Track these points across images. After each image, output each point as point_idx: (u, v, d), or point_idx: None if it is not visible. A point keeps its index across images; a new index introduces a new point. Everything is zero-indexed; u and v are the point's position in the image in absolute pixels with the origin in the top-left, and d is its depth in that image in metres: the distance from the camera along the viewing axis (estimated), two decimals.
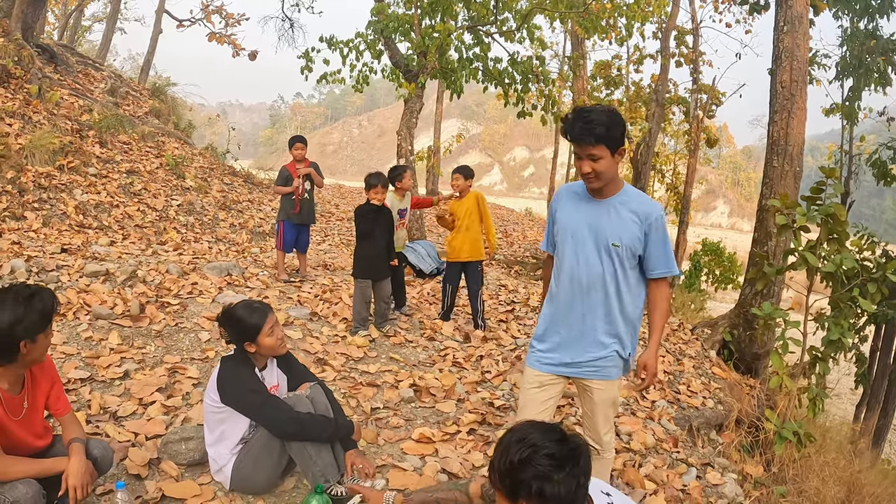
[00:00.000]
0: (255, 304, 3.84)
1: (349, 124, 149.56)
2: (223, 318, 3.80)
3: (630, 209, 3.55)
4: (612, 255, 3.58)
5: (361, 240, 7.26)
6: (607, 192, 3.57)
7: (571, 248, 3.67)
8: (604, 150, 3.37)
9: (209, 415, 3.71)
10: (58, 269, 7.14)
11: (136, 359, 5.44)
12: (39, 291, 3.00)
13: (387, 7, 12.29)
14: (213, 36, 21.19)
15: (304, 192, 8.88)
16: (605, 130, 3.33)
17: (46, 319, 2.99)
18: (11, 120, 11.43)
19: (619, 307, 3.66)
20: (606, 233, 3.56)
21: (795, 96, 9.64)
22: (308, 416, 3.73)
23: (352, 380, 5.87)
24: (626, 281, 3.63)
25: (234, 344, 3.83)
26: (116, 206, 11.08)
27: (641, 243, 3.57)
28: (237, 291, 7.58)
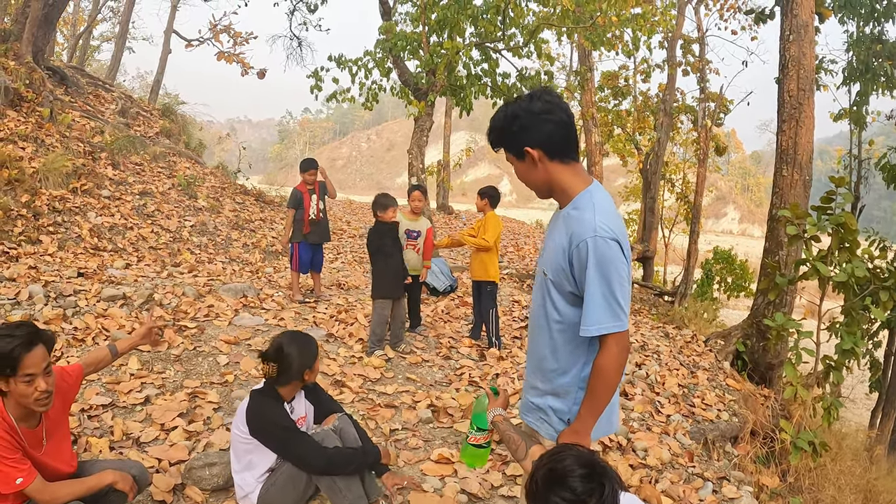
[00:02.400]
0: (304, 338, 3.83)
1: (357, 138, 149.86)
2: (274, 354, 3.70)
3: (567, 227, 2.70)
4: (545, 286, 2.82)
5: (380, 259, 7.30)
6: (561, 200, 2.81)
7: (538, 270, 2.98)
8: (509, 156, 2.81)
9: (237, 444, 3.72)
10: (75, 293, 7.21)
11: (157, 384, 5.51)
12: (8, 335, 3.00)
13: (394, 25, 12.37)
14: (221, 55, 21.36)
15: (319, 212, 8.93)
16: (494, 133, 2.80)
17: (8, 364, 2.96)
18: (24, 143, 11.52)
19: (556, 355, 2.84)
20: (545, 257, 2.86)
21: (803, 105, 9.66)
22: (335, 452, 3.71)
23: (370, 401, 5.92)
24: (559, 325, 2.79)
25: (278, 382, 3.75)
26: (130, 227, 11.16)
27: (567, 276, 2.69)
28: (253, 313, 7.65)
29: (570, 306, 2.74)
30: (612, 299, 2.59)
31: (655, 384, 7.73)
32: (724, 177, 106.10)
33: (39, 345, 3.02)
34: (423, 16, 11.78)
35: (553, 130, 2.68)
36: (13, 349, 2.93)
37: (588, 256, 2.57)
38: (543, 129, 2.68)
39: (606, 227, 2.59)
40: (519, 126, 2.70)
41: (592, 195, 2.71)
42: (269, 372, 3.69)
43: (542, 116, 2.67)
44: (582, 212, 2.66)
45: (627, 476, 5.20)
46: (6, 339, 2.94)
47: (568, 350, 2.80)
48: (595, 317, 2.59)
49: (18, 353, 2.94)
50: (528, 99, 2.71)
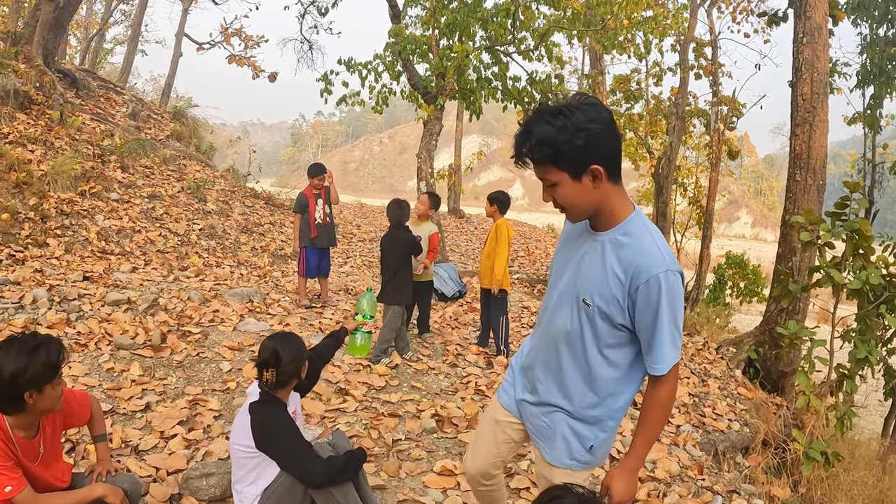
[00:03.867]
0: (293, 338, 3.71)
1: (370, 142, 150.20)
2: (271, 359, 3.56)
3: (620, 254, 2.47)
4: (582, 315, 2.60)
5: (402, 266, 7.25)
6: (600, 224, 2.55)
7: (553, 288, 2.78)
8: (556, 173, 2.40)
9: (241, 459, 3.58)
10: (79, 297, 7.15)
11: (158, 390, 5.44)
12: (46, 343, 2.97)
13: (404, 29, 12.32)
14: (232, 58, 21.37)
15: (326, 217, 8.88)
16: (544, 146, 2.35)
17: (52, 370, 2.94)
18: (34, 146, 11.52)
19: (591, 384, 2.67)
20: (581, 281, 2.58)
21: (817, 109, 9.58)
22: (331, 462, 3.58)
23: (373, 410, 5.83)
24: (597, 354, 2.62)
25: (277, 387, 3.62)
26: (138, 231, 11.13)
27: (622, 310, 2.49)
28: (259, 319, 7.58)
29: (617, 339, 2.58)
30: (678, 333, 2.48)
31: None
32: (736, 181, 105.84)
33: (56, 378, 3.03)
34: (433, 19, 11.71)
35: (616, 145, 2.42)
36: (59, 354, 2.97)
37: (661, 293, 2.40)
38: (609, 142, 2.38)
39: (673, 261, 2.44)
40: (585, 139, 2.33)
41: (644, 221, 2.53)
42: (270, 379, 3.55)
43: (609, 128, 2.37)
44: (640, 241, 2.46)
45: None
46: (47, 349, 2.94)
47: (609, 382, 2.66)
48: (666, 355, 2.49)
49: (61, 356, 2.99)
50: (590, 107, 2.36)
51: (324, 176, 8.80)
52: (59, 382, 3.00)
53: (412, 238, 7.26)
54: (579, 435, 2.73)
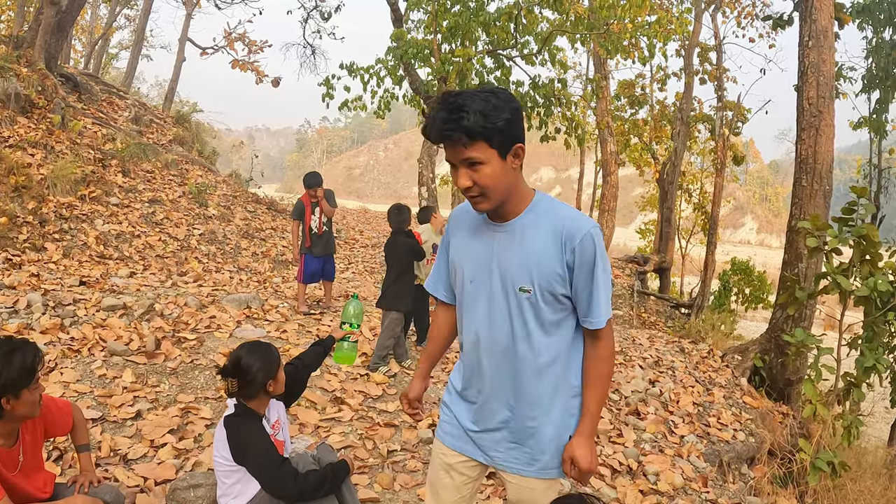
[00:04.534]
0: (263, 347, 3.50)
1: (375, 147, 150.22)
2: (232, 369, 3.40)
3: (545, 230, 2.42)
4: (523, 306, 2.48)
5: (404, 272, 7.18)
6: (508, 211, 2.46)
7: (474, 296, 2.58)
8: (486, 151, 2.27)
9: (222, 472, 3.46)
10: (74, 303, 7.04)
11: (150, 398, 5.33)
12: (22, 346, 2.87)
13: (405, 33, 12.23)
14: (235, 63, 21.33)
15: (322, 225, 8.79)
16: (482, 119, 2.21)
17: (28, 375, 2.84)
18: (34, 150, 11.45)
19: (548, 379, 2.55)
20: (512, 273, 2.46)
21: (823, 112, 9.47)
22: (305, 477, 3.41)
23: (369, 419, 5.72)
24: (546, 342, 2.51)
25: (244, 397, 3.46)
26: (138, 235, 11.04)
27: (563, 280, 2.43)
28: (256, 325, 7.48)
29: (560, 314, 2.50)
30: (610, 287, 2.50)
31: (669, 403, 7.51)
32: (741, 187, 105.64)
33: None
34: (435, 23, 11.62)
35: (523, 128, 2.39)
36: (34, 358, 2.87)
37: (595, 250, 2.38)
38: (523, 125, 2.37)
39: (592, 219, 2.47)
40: (512, 115, 2.29)
41: (550, 198, 2.53)
42: (230, 388, 3.39)
43: (521, 112, 2.37)
44: (557, 209, 2.46)
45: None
46: (23, 353, 2.85)
47: (561, 364, 2.55)
48: (603, 308, 2.46)
49: (37, 360, 2.89)
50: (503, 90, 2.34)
51: (316, 189, 8.69)
52: (36, 387, 2.90)
53: (413, 244, 7.17)
54: (549, 438, 2.59)
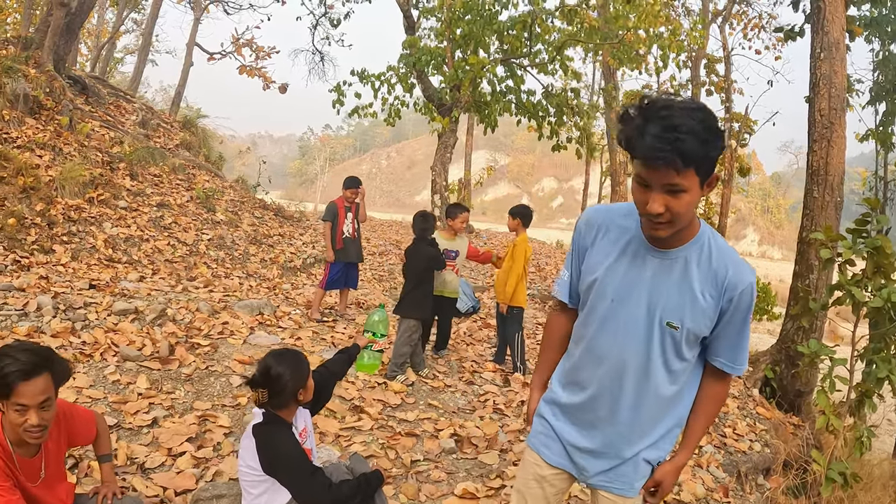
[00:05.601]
0: (293, 355, 3.44)
1: (378, 156, 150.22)
2: (262, 378, 3.32)
3: (706, 270, 2.32)
4: (665, 339, 2.40)
5: (422, 280, 7.12)
6: (676, 238, 2.31)
7: (610, 316, 2.47)
8: (692, 179, 2.06)
9: (249, 482, 3.36)
10: (85, 306, 6.94)
11: (166, 405, 5.22)
12: None
13: (418, 40, 12.17)
14: (243, 69, 21.28)
15: (355, 231, 8.73)
16: (699, 145, 1.99)
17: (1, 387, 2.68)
18: (42, 151, 11.37)
19: (668, 406, 2.53)
20: (663, 304, 2.36)
21: (834, 124, 9.48)
22: (339, 486, 3.34)
23: (390, 429, 5.61)
24: (680, 373, 2.48)
25: (273, 406, 3.38)
26: (146, 240, 10.94)
27: (712, 324, 2.38)
28: (269, 332, 7.38)
29: (692, 353, 2.47)
30: (746, 344, 2.48)
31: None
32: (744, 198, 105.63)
33: (43, 376, 2.71)
34: (448, 31, 11.55)
35: None
36: (8, 374, 2.64)
37: (751, 300, 2.34)
38: None
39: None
40: (722, 142, 2.08)
41: (711, 230, 2.40)
42: (259, 398, 3.31)
43: (723, 133, 2.14)
44: (722, 252, 2.34)
45: None
46: (8, 362, 2.65)
47: (682, 394, 2.55)
48: (735, 357, 2.47)
49: (12, 380, 2.64)
50: (704, 107, 2.09)
51: (357, 189, 8.66)
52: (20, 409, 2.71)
53: (434, 253, 7.09)
54: (650, 460, 2.60)
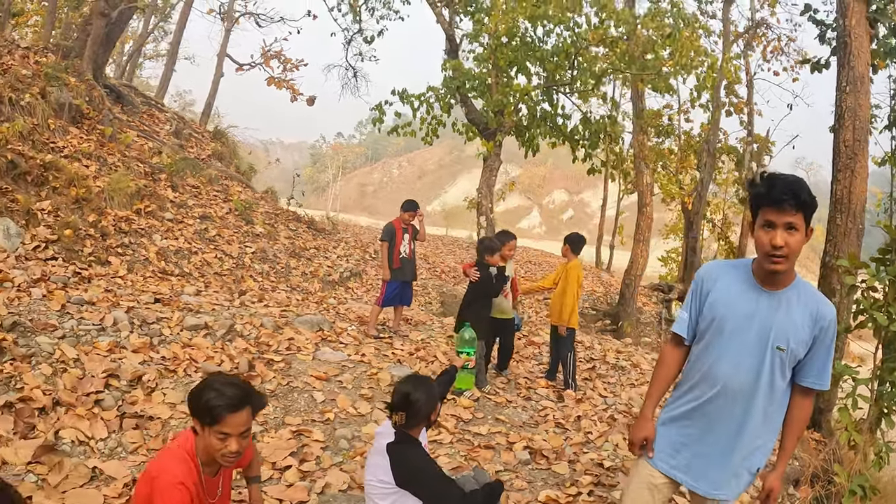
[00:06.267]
0: (426, 381, 3.91)
1: (389, 165, 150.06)
2: (402, 403, 3.74)
3: (804, 306, 3.06)
4: (774, 360, 3.08)
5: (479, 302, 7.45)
6: (781, 281, 3.07)
7: (727, 345, 3.14)
8: (801, 222, 2.90)
9: (375, 495, 3.71)
10: (158, 321, 7.14)
11: (259, 420, 5.51)
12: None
13: (462, 64, 12.46)
14: (271, 80, 21.53)
15: (411, 251, 9.06)
16: (808, 198, 2.88)
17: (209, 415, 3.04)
18: (88, 161, 11.61)
19: (766, 420, 3.18)
20: (774, 332, 3.06)
21: (858, 155, 9.76)
22: (471, 497, 3.74)
23: (468, 442, 5.97)
24: (779, 390, 3.15)
25: (407, 427, 3.77)
26: (195, 252, 11.22)
27: (806, 347, 3.08)
28: (334, 348, 7.66)
29: (789, 372, 3.16)
30: (830, 364, 3.16)
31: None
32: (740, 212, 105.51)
33: (246, 409, 3.06)
34: (493, 57, 11.82)
35: None
36: (217, 407, 2.97)
37: (834, 330, 3.08)
38: None
39: None
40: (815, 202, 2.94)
41: (799, 277, 3.15)
42: (398, 421, 3.72)
43: None
44: (813, 293, 3.12)
45: None
46: (214, 395, 2.98)
47: (779, 411, 3.22)
48: (821, 375, 3.15)
49: (221, 412, 2.98)
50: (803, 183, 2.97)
51: (415, 213, 8.99)
52: (222, 436, 3.05)
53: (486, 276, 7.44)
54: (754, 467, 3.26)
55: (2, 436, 4.61)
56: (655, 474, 3.36)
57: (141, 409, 5.38)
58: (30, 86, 12.14)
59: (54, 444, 4.67)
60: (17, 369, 5.33)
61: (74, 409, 5.13)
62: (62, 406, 5.13)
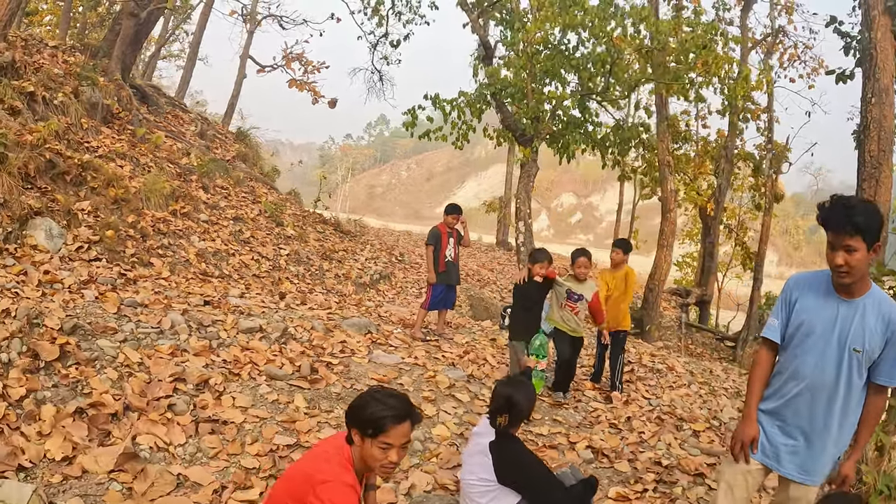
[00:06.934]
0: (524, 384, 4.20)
1: (398, 167, 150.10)
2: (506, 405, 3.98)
3: (877, 313, 3.46)
4: (852, 361, 3.51)
5: (522, 310, 7.60)
6: (856, 290, 3.49)
7: (811, 347, 3.59)
8: (860, 243, 3.27)
9: (475, 493, 3.91)
10: (213, 324, 7.20)
11: (332, 423, 5.59)
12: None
13: (498, 70, 12.56)
14: (293, 82, 21.60)
15: (456, 256, 9.15)
16: (864, 221, 3.25)
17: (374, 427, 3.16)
18: (122, 161, 11.64)
19: (844, 414, 3.60)
20: (851, 336, 3.49)
21: (882, 165, 9.95)
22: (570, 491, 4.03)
23: (532, 442, 6.11)
24: (856, 388, 3.56)
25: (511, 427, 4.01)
26: (232, 254, 11.28)
27: (879, 349, 3.49)
28: (385, 350, 7.77)
29: (865, 371, 3.54)
30: None
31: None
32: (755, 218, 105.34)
33: (407, 422, 3.18)
34: (530, 64, 11.90)
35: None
36: (383, 419, 3.10)
37: None
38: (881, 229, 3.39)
39: None
40: (879, 225, 3.32)
41: (875, 286, 3.55)
42: (503, 422, 3.98)
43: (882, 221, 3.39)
44: (889, 301, 3.50)
45: None
46: (380, 407, 3.12)
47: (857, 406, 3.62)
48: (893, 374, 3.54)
49: (386, 424, 3.10)
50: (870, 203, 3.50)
51: (457, 216, 9.07)
52: (385, 447, 3.16)
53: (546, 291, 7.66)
54: (836, 455, 3.70)
55: (78, 443, 4.64)
56: (751, 461, 3.78)
57: (213, 414, 5.42)
58: (62, 85, 12.14)
59: (135, 451, 4.69)
60: (83, 373, 5.39)
61: (146, 414, 5.17)
62: (133, 411, 5.17)
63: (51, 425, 4.70)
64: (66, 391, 5.16)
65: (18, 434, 4.56)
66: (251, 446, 5.09)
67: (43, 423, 4.70)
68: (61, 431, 4.68)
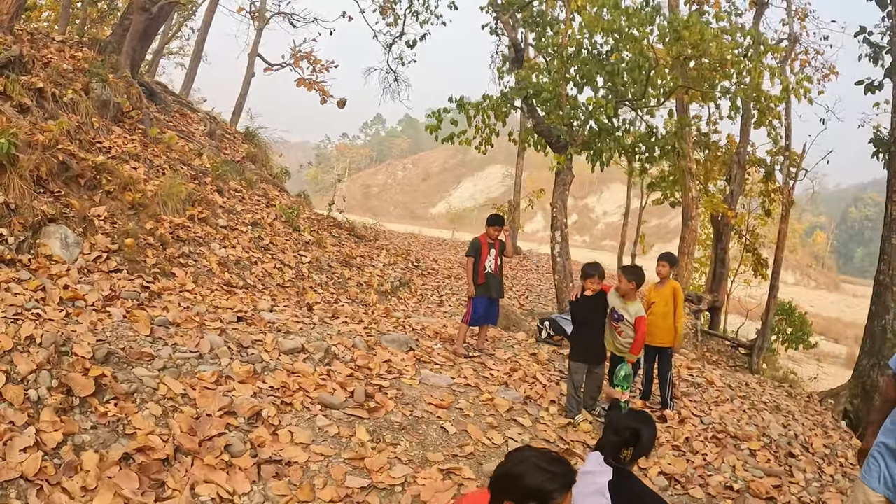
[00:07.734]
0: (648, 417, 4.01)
1: (394, 166, 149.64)
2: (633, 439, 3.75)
3: None
4: None
5: (579, 327, 7.40)
6: None
7: None
8: None
9: None
10: (253, 344, 6.69)
11: (402, 459, 5.21)
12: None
13: (530, 75, 12.25)
14: (301, 81, 21.30)
15: (497, 267, 8.78)
16: None
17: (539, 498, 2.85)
18: (136, 163, 11.16)
19: None
20: None
21: None
22: None
23: None
24: None
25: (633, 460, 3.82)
26: (254, 262, 10.87)
27: None
28: (433, 370, 7.42)
29: None
30: None
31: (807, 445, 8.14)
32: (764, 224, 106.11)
33: (571, 490, 2.86)
34: (564, 69, 11.60)
35: None
36: (552, 491, 2.80)
37: None
38: None
39: None
40: None
41: None
42: (628, 456, 3.75)
43: None
44: None
45: None
46: (546, 477, 2.80)
47: None
48: None
49: (555, 496, 2.80)
50: None
51: (501, 227, 8.72)
52: None
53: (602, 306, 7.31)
54: None
55: (130, 498, 4.04)
56: (870, 493, 3.93)
57: (274, 453, 4.90)
58: (72, 81, 11.68)
59: None
60: (123, 410, 4.79)
61: (201, 457, 4.61)
62: (185, 454, 4.61)
63: (96, 477, 4.10)
64: (106, 433, 4.56)
65: (60, 491, 3.98)
66: (322, 491, 4.61)
67: (87, 476, 4.09)
68: (109, 485, 4.08)
